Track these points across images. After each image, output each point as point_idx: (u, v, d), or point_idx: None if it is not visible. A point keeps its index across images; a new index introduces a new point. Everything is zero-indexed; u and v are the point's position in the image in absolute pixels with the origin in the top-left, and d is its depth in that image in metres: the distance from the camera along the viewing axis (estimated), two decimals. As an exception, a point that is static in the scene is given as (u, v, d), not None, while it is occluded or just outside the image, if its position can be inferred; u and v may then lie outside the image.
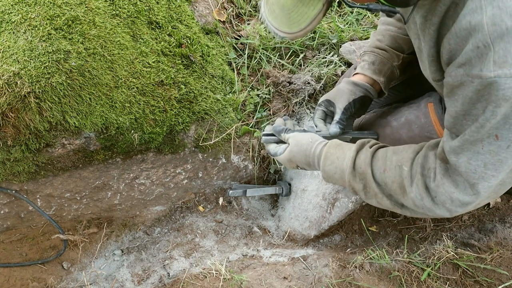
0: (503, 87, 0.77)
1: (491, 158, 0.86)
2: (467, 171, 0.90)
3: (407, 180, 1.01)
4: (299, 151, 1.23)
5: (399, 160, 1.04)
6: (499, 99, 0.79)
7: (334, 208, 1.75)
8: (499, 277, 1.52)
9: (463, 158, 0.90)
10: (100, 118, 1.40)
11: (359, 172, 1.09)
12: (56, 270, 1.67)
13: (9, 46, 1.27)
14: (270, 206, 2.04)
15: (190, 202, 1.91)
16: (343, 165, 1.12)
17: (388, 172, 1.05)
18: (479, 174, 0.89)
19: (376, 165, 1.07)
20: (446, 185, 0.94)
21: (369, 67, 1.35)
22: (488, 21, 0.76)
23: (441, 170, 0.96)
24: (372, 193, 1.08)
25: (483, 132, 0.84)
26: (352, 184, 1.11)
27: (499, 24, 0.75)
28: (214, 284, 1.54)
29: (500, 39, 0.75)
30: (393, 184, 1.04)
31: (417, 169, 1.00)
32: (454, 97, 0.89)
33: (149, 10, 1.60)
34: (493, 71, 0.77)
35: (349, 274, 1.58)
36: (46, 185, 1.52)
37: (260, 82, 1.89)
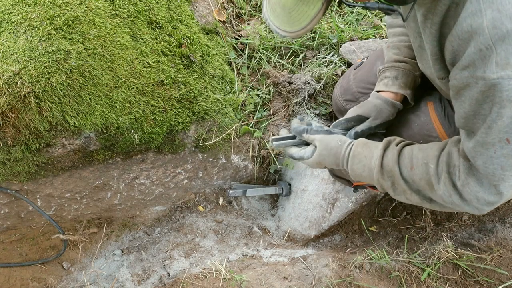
0: (506, 88, 0.79)
1: (506, 161, 0.88)
2: (486, 174, 0.92)
3: (434, 177, 1.03)
4: (329, 154, 1.24)
5: (424, 158, 1.06)
6: (503, 100, 0.81)
7: (334, 208, 1.75)
8: (499, 277, 1.52)
9: (479, 161, 0.92)
10: (100, 118, 1.40)
11: (387, 170, 1.12)
12: (56, 270, 1.67)
13: (9, 46, 1.27)
14: (270, 206, 2.04)
15: (190, 202, 1.91)
16: (371, 163, 1.15)
17: (415, 169, 1.07)
18: (498, 176, 0.91)
19: (403, 163, 1.10)
20: (471, 184, 0.96)
21: (393, 83, 1.34)
22: (488, 25, 0.78)
23: (465, 169, 0.97)
24: (401, 190, 1.11)
25: (493, 136, 0.86)
26: (381, 182, 1.14)
27: (500, 27, 0.77)
28: (214, 284, 1.54)
29: (502, 42, 0.77)
30: (421, 181, 1.06)
31: (443, 167, 1.02)
32: (461, 98, 0.90)
33: (149, 10, 1.60)
34: (495, 72, 0.79)
35: (349, 274, 1.58)
36: (46, 185, 1.52)
37: (260, 82, 1.89)
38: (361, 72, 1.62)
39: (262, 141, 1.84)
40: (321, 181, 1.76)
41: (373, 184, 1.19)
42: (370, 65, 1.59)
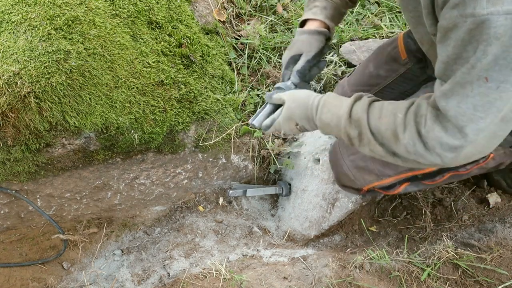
0: (494, 24, 0.77)
1: (480, 100, 0.86)
2: (456, 114, 0.90)
3: (401, 126, 1.01)
4: (297, 106, 1.21)
5: (394, 108, 1.05)
6: (491, 37, 0.78)
7: (334, 208, 1.75)
8: (499, 277, 1.52)
9: (452, 102, 0.90)
10: (100, 118, 1.40)
11: (355, 119, 1.09)
12: (56, 270, 1.67)
13: (9, 46, 1.27)
14: (270, 206, 2.04)
15: (190, 202, 1.91)
16: (339, 111, 1.12)
17: (382, 119, 1.05)
18: (468, 117, 0.89)
19: (372, 113, 1.08)
20: (436, 130, 0.95)
21: (321, 12, 1.36)
22: None
23: (431, 116, 0.96)
24: (366, 141, 1.08)
25: (473, 74, 0.84)
26: (348, 130, 1.11)
27: None
28: (214, 284, 1.54)
29: None
30: (387, 131, 1.04)
31: (411, 116, 1.00)
32: (447, 41, 0.88)
33: (149, 10, 1.60)
34: (486, 8, 0.77)
35: (349, 274, 1.58)
36: (46, 185, 1.52)
37: (260, 82, 1.90)
38: (354, 76, 1.64)
39: (262, 141, 1.84)
40: (321, 181, 1.76)
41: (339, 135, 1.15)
42: (363, 68, 1.61)
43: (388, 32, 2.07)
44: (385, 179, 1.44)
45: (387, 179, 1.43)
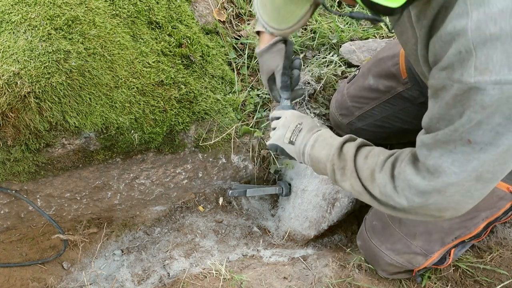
0: (482, 93, 0.77)
1: (461, 157, 0.87)
2: (434, 164, 0.91)
3: (378, 167, 1.04)
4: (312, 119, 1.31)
5: (381, 152, 1.08)
6: (477, 104, 0.78)
7: (334, 208, 1.75)
8: (499, 277, 1.52)
9: (435, 153, 0.90)
10: (100, 118, 1.40)
11: (344, 153, 1.13)
12: (56, 270, 1.67)
13: (9, 46, 1.27)
14: (270, 206, 2.04)
15: (190, 202, 1.91)
16: (333, 142, 1.17)
17: (368, 159, 1.08)
18: (443, 168, 0.89)
19: (361, 152, 1.11)
20: (407, 171, 0.96)
21: None
22: (472, 26, 0.75)
23: (408, 160, 0.98)
24: (349, 175, 1.11)
25: (456, 135, 0.85)
26: (335, 161, 1.14)
27: (483, 29, 0.74)
28: (214, 284, 1.54)
29: (483, 45, 0.75)
30: (367, 170, 1.06)
31: (391, 159, 1.03)
32: (436, 99, 0.89)
33: (149, 10, 1.60)
34: (473, 77, 0.76)
35: (348, 275, 1.58)
36: (46, 185, 1.52)
37: (260, 82, 1.89)
38: (354, 87, 1.63)
39: (262, 141, 1.84)
40: (321, 181, 1.76)
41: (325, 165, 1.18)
42: (363, 79, 1.60)
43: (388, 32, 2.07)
44: (434, 256, 1.39)
45: (435, 254, 1.39)
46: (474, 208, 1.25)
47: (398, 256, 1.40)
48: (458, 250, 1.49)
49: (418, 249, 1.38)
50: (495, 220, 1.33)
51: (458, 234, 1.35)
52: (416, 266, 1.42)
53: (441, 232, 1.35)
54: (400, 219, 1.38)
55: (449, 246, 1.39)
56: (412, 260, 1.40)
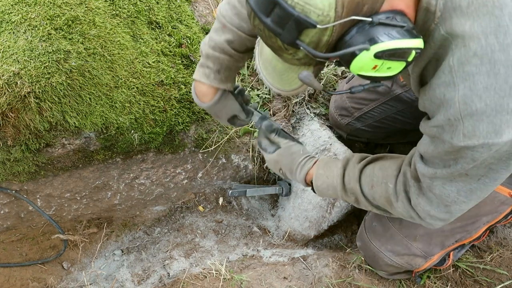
0: (471, 151, 0.84)
1: (463, 186, 0.94)
2: (441, 194, 0.97)
3: (393, 196, 1.09)
4: (287, 155, 1.30)
5: (384, 177, 1.11)
6: (468, 158, 0.86)
7: (334, 208, 1.75)
8: (499, 277, 1.52)
9: (437, 182, 0.96)
10: (100, 118, 1.40)
11: (349, 188, 1.18)
12: (56, 270, 1.67)
13: (9, 46, 1.27)
14: (270, 206, 2.04)
15: (190, 202, 1.91)
16: (333, 182, 1.20)
17: (375, 188, 1.12)
18: (452, 199, 0.97)
19: (364, 182, 1.15)
20: (422, 204, 1.02)
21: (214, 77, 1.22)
22: (460, 100, 0.81)
23: (415, 190, 1.03)
24: (363, 205, 1.18)
25: (455, 173, 0.92)
26: (345, 198, 1.21)
27: (470, 104, 0.80)
28: (214, 284, 1.54)
29: (470, 117, 0.81)
30: (381, 198, 1.12)
31: (400, 187, 1.07)
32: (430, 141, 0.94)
33: (149, 10, 1.60)
34: (462, 141, 0.83)
35: (349, 275, 1.58)
36: (46, 185, 1.52)
37: (260, 82, 1.89)
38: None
39: (262, 141, 1.84)
40: (321, 181, 1.76)
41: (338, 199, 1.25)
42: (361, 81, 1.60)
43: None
44: (433, 258, 1.39)
45: (435, 256, 1.39)
46: (476, 213, 1.29)
47: (397, 257, 1.41)
48: (458, 252, 1.49)
49: (418, 251, 1.38)
50: (495, 223, 1.35)
51: (459, 237, 1.36)
52: (415, 267, 1.42)
53: (441, 236, 1.36)
54: (400, 220, 1.39)
55: (449, 249, 1.39)
56: (412, 262, 1.40)
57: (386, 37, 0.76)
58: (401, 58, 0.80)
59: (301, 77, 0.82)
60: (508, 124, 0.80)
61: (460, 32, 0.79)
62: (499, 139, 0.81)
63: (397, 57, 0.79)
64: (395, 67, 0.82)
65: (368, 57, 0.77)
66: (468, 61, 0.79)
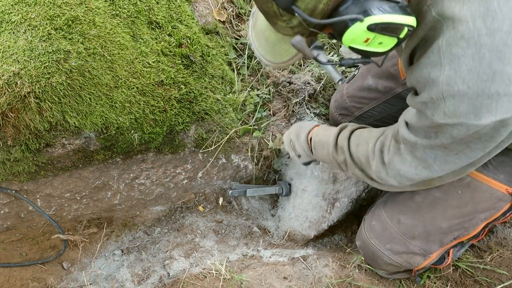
0: (451, 127, 0.89)
1: (441, 156, 0.98)
2: (420, 157, 1.02)
3: (371, 154, 1.16)
4: (297, 125, 1.53)
5: (368, 137, 1.19)
6: (447, 134, 0.90)
7: (334, 208, 1.75)
8: (499, 277, 1.52)
9: (418, 147, 1.01)
10: (100, 118, 1.40)
11: (340, 147, 1.26)
12: (56, 270, 1.67)
13: (9, 46, 1.27)
14: (270, 206, 2.04)
15: (190, 202, 1.91)
16: (328, 140, 1.30)
17: (360, 147, 1.20)
18: (427, 163, 1.02)
19: (353, 141, 1.23)
20: (395, 162, 1.08)
21: None
22: (444, 80, 0.84)
23: (393, 149, 1.09)
24: (349, 165, 1.25)
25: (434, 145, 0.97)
26: (335, 157, 1.29)
27: (453, 86, 0.83)
28: (214, 284, 1.54)
29: (452, 98, 0.84)
30: (362, 157, 1.19)
31: (378, 146, 1.14)
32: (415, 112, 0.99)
33: (149, 10, 1.60)
34: (443, 119, 0.88)
35: (348, 275, 1.58)
36: (46, 185, 1.52)
37: (260, 82, 1.89)
38: (353, 86, 1.64)
39: (262, 141, 1.84)
40: (321, 181, 1.76)
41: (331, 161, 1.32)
42: (362, 79, 1.61)
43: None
44: (432, 256, 1.39)
45: (433, 254, 1.39)
46: (473, 210, 1.29)
47: (396, 256, 1.41)
48: (457, 250, 1.49)
49: (416, 249, 1.38)
50: (493, 220, 1.34)
51: (457, 235, 1.36)
52: (414, 266, 1.42)
53: (439, 233, 1.36)
54: (398, 219, 1.40)
55: (447, 246, 1.39)
56: (411, 260, 1.40)
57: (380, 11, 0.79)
58: (393, 33, 0.82)
59: (294, 42, 0.84)
60: (488, 108, 0.83)
61: (450, 14, 0.81)
62: (478, 121, 0.84)
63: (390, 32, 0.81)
64: (386, 43, 0.84)
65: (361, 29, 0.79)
66: (456, 43, 0.81)
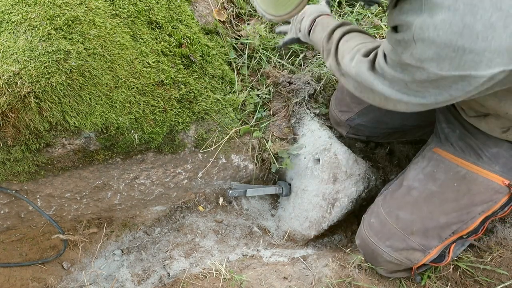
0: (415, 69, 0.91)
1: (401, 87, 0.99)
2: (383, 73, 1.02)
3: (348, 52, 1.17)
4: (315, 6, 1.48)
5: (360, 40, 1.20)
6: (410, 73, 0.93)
7: (334, 208, 1.75)
8: (499, 277, 1.52)
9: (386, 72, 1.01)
10: (100, 118, 1.40)
11: (333, 37, 1.28)
12: (56, 270, 1.67)
13: (9, 46, 1.27)
14: (270, 206, 2.04)
15: (190, 202, 1.91)
16: (328, 27, 1.32)
17: (348, 42, 1.22)
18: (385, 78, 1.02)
19: (344, 37, 1.25)
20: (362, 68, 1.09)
21: None
22: (418, 24, 0.87)
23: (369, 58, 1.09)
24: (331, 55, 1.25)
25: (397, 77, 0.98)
26: (324, 43, 1.31)
27: (424, 31, 0.86)
28: (214, 284, 1.54)
29: (421, 42, 0.87)
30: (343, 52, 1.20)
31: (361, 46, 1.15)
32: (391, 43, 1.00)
33: (149, 10, 1.60)
34: (409, 59, 0.91)
35: (348, 275, 1.58)
36: (46, 185, 1.52)
37: (260, 82, 1.89)
38: None
39: (262, 141, 1.84)
40: (321, 181, 1.76)
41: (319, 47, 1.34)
42: None
43: (388, 32, 2.07)
44: (432, 251, 1.38)
45: (433, 250, 1.38)
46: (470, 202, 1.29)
47: (396, 252, 1.40)
48: (457, 248, 1.48)
49: (416, 244, 1.38)
50: (492, 214, 1.33)
51: (455, 228, 1.35)
52: (414, 262, 1.41)
53: (437, 228, 1.35)
54: (397, 215, 1.40)
55: (447, 242, 1.38)
56: (411, 257, 1.40)
57: None
58: None
59: None
60: (451, 61, 0.85)
61: None
62: (439, 71, 0.87)
63: None
64: None
65: None
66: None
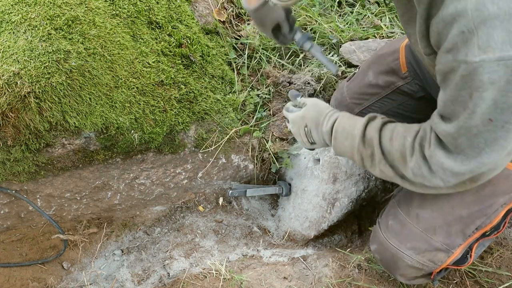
0: (488, 70, 0.80)
1: (490, 136, 0.89)
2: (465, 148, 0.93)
3: (409, 150, 1.06)
4: (314, 109, 1.31)
5: (405, 131, 1.09)
6: (485, 83, 0.81)
7: (334, 208, 1.75)
8: (499, 277, 1.52)
9: (462, 139, 0.93)
10: (100, 118, 1.40)
11: (368, 139, 1.15)
12: (56, 270, 1.67)
13: (9, 46, 1.27)
14: (270, 206, 2.04)
15: (190, 202, 1.91)
16: (354, 131, 1.18)
17: (394, 141, 1.10)
18: (475, 151, 0.93)
19: (384, 134, 1.13)
20: (438, 155, 0.99)
21: None
22: (472, 7, 0.78)
23: (434, 141, 1.00)
24: (377, 161, 1.14)
25: (477, 118, 0.87)
26: (361, 150, 1.17)
27: (482, 9, 0.77)
28: (214, 284, 1.54)
29: (483, 25, 0.77)
30: (397, 153, 1.09)
31: (418, 140, 1.05)
32: (447, 83, 0.91)
33: (149, 10, 1.60)
34: (477, 56, 0.79)
35: (348, 275, 1.58)
36: (46, 185, 1.52)
37: (260, 82, 1.90)
38: (354, 83, 1.63)
39: (262, 141, 1.84)
40: (321, 181, 1.76)
41: (352, 153, 1.21)
42: (362, 75, 1.60)
43: (388, 32, 2.07)
44: (456, 251, 1.30)
45: (457, 250, 1.29)
46: (491, 193, 1.23)
47: (419, 255, 1.31)
48: (479, 249, 1.40)
49: (439, 244, 1.29)
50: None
51: (479, 223, 1.27)
52: (438, 264, 1.32)
53: (461, 223, 1.28)
54: (417, 214, 1.32)
55: (470, 240, 1.30)
56: (434, 258, 1.31)
57: None
58: None
59: None
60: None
61: None
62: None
63: None
64: None
65: None
66: None
